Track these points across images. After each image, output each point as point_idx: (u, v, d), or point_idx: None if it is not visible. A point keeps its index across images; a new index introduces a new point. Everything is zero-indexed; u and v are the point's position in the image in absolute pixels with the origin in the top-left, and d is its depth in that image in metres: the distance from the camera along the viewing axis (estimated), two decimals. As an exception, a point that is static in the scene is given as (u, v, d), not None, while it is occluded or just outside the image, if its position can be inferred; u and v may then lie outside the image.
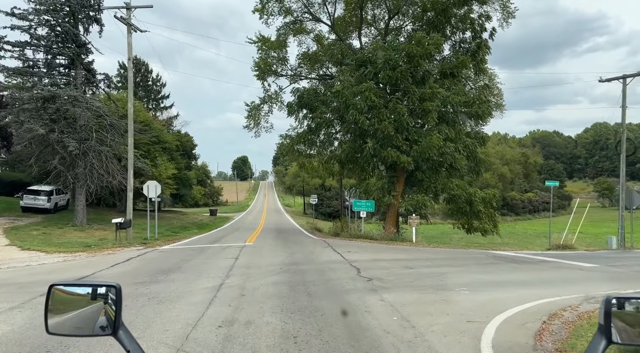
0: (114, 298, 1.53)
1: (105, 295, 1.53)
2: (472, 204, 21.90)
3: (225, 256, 13.59)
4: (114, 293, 1.53)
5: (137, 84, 57.44)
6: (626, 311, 1.45)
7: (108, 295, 1.53)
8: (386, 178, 22.00)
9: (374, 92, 20.59)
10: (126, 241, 18.31)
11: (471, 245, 32.40)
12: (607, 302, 1.44)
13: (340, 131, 25.14)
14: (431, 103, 20.42)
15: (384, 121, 20.28)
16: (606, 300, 1.45)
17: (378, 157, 21.27)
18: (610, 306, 1.43)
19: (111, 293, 1.53)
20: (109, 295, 1.53)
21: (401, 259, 13.70)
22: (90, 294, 1.55)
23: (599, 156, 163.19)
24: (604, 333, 1.42)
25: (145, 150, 28.76)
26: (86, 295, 1.55)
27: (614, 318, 1.42)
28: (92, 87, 25.55)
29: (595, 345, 1.42)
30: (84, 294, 1.56)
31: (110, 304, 1.52)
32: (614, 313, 1.43)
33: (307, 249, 16.44)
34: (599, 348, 1.41)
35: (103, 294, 1.54)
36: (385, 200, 21.38)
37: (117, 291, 1.54)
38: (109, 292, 1.54)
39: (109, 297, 1.53)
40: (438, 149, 20.14)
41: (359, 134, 22.52)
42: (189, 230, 29.27)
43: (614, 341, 1.42)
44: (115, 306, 1.52)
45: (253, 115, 26.59)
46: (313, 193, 67.46)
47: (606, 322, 1.43)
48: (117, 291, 1.54)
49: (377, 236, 21.52)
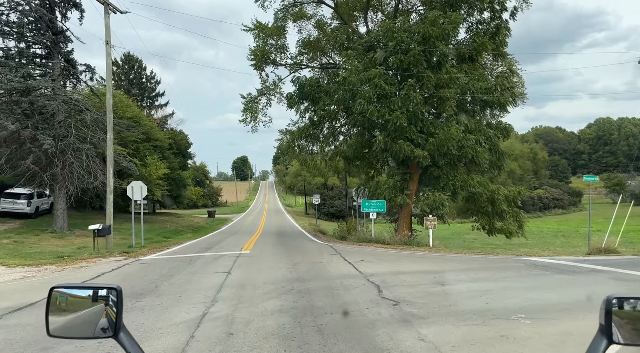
0: (115, 301, 1.53)
1: (107, 297, 1.54)
2: (495, 203, 19.69)
3: (216, 270, 11.34)
4: (115, 295, 1.54)
5: (130, 81, 55.31)
6: (627, 311, 1.43)
7: (109, 297, 1.54)
8: (398, 175, 19.76)
9: (384, 79, 18.34)
10: (105, 251, 16.09)
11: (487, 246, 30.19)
12: (607, 302, 1.43)
13: (346, 124, 22.90)
14: (449, 90, 18.18)
15: (396, 111, 18.03)
16: (607, 299, 1.43)
17: (389, 152, 19.05)
18: (611, 306, 1.42)
19: (112, 295, 1.54)
20: (110, 297, 1.54)
21: (427, 271, 11.45)
22: (91, 296, 1.56)
23: (602, 152, 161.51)
24: (605, 333, 1.42)
25: (133, 148, 26.56)
26: (87, 298, 1.56)
27: (615, 318, 1.41)
28: (72, 79, 23.30)
29: (596, 345, 1.41)
30: (85, 296, 1.57)
31: (111, 306, 1.53)
32: (615, 312, 1.42)
33: (312, 258, 14.20)
34: (599, 349, 1.40)
35: (104, 296, 1.54)
36: (398, 200, 19.14)
37: (118, 293, 1.54)
38: (110, 294, 1.54)
39: (110, 299, 1.54)
40: (457, 141, 17.91)
41: (367, 127, 20.29)
42: (182, 234, 27.06)
43: (615, 341, 1.40)
44: (116, 309, 1.53)
45: (250, 108, 24.34)
46: (315, 192, 65.22)
47: (607, 321, 1.41)
48: (118, 294, 1.54)
49: (389, 240, 19.28)
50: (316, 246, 18.79)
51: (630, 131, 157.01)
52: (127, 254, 15.94)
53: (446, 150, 18.12)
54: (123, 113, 26.79)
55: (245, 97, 24.33)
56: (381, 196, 19.76)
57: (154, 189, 26.45)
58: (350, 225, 25.92)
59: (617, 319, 1.41)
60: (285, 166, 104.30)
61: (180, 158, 37.11)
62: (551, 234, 39.90)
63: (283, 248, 17.49)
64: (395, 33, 18.44)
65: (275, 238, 23.42)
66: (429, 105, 18.74)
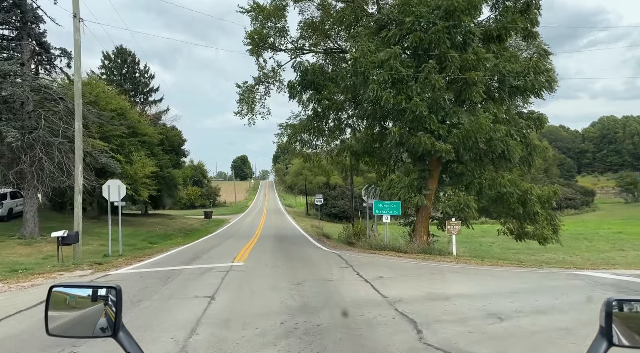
0: (114, 300, 1.53)
1: (106, 297, 1.53)
2: (526, 205, 17.13)
3: (197, 293, 8.77)
4: (114, 294, 1.53)
5: (123, 76, 52.82)
6: (627, 313, 1.43)
7: (108, 296, 1.53)
8: (415, 172, 17.18)
9: (400, 61, 15.78)
10: (72, 262, 13.52)
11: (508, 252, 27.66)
12: (608, 304, 1.43)
13: (354, 115, 20.34)
14: (476, 73, 15.61)
15: (414, 98, 15.47)
16: (607, 301, 1.44)
17: (405, 145, 16.51)
18: (611, 308, 1.42)
19: (112, 294, 1.53)
20: (110, 297, 1.53)
21: (468, 294, 8.88)
22: (91, 296, 1.55)
23: (607, 150, 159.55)
24: (605, 335, 1.41)
25: (117, 143, 24.02)
26: (87, 297, 1.55)
27: (615, 320, 1.41)
28: (46, 65, 20.74)
29: (596, 347, 1.41)
30: (84, 296, 1.55)
31: (111, 306, 1.52)
32: (615, 314, 1.41)
33: (319, 272, 11.62)
34: (599, 351, 1.40)
35: (103, 296, 1.54)
36: (415, 201, 16.57)
37: (117, 292, 1.53)
38: (110, 294, 1.53)
39: (109, 299, 1.53)
40: (486, 133, 15.36)
41: (380, 118, 17.76)
42: (171, 238, 24.52)
43: (615, 343, 1.40)
44: (116, 308, 1.52)
45: (246, 99, 21.77)
46: (316, 192, 62.66)
47: (607, 323, 1.41)
48: (118, 293, 1.54)
49: (405, 248, 16.72)
50: (322, 254, 16.23)
51: (635, 129, 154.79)
52: (99, 266, 13.40)
53: (472, 143, 15.56)
54: (106, 105, 24.25)
55: (241, 87, 21.77)
56: (395, 196, 17.19)
57: (139, 189, 23.91)
58: (358, 228, 23.37)
59: (617, 321, 1.41)
60: (285, 165, 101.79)
61: (172, 156, 34.60)
62: (571, 237, 37.28)
63: (283, 258, 14.93)
64: (413, 7, 15.86)
65: (274, 244, 20.87)
66: (451, 91, 16.15)
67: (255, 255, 15.69)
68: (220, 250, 18.10)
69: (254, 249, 18.09)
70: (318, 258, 15.03)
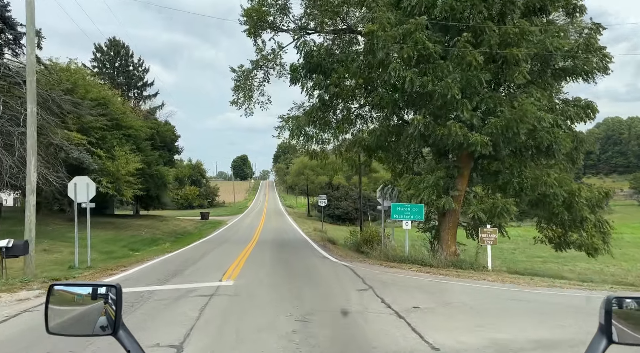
0: (114, 298, 1.51)
1: (106, 295, 1.51)
2: (572, 209, 14.41)
3: (159, 338, 6.03)
4: (114, 293, 1.51)
5: (116, 69, 50.18)
6: (627, 310, 1.44)
7: (108, 295, 1.51)
8: (442, 169, 14.45)
9: (427, 35, 13.07)
10: (21, 279, 10.78)
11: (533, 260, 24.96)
12: (607, 302, 1.43)
13: (366, 104, 17.60)
14: (518, 50, 12.88)
15: (444, 79, 12.76)
16: (606, 299, 1.44)
17: (430, 138, 13.78)
18: (610, 306, 1.42)
19: (111, 293, 1.51)
20: (109, 295, 1.51)
21: (553, 343, 6.15)
22: (91, 294, 1.53)
23: (612, 152, 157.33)
24: (605, 332, 1.42)
25: (98, 137, 21.31)
26: (87, 295, 1.54)
27: (614, 317, 1.41)
28: (12, 46, 18.05)
29: (596, 344, 1.42)
30: (84, 294, 1.54)
31: (111, 304, 1.50)
32: (615, 312, 1.42)
33: (332, 299, 8.86)
34: (599, 348, 1.40)
35: (103, 294, 1.52)
36: (442, 203, 13.84)
37: (117, 291, 1.52)
38: (109, 292, 1.51)
39: (109, 297, 1.51)
40: (532, 122, 12.65)
41: (401, 104, 15.05)
42: (158, 243, 21.81)
43: (615, 341, 1.41)
44: (116, 306, 1.50)
45: (242, 85, 19.04)
46: (318, 192, 59.94)
47: (606, 321, 1.42)
48: (118, 291, 1.52)
49: (429, 260, 13.98)
50: (331, 268, 13.48)
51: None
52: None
53: (513, 135, 12.83)
54: (85, 93, 21.56)
55: (236, 71, 19.02)
56: (417, 198, 14.46)
57: (122, 188, 21.20)
58: (368, 233, 20.65)
59: (616, 319, 1.42)
60: (286, 165, 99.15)
61: (164, 152, 31.92)
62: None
63: (284, 273, 12.19)
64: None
65: (274, 253, 18.15)
66: (488, 72, 13.39)
67: (250, 269, 12.96)
68: (209, 260, 15.38)
69: (250, 259, 15.37)
70: (327, 274, 12.30)
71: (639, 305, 1.44)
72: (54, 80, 19.73)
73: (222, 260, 15.24)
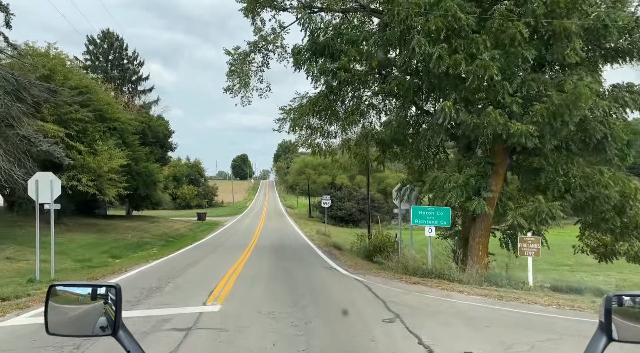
0: (114, 299, 1.51)
1: (105, 295, 1.51)
2: (624, 213, 12.21)
3: None
4: (114, 293, 1.51)
5: (110, 62, 47.95)
6: (627, 308, 1.44)
7: (108, 295, 1.51)
8: (472, 167, 12.21)
9: (457, 3, 10.85)
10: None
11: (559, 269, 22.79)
12: (607, 300, 1.45)
13: (381, 92, 15.37)
14: (570, 21, 10.65)
15: (479, 57, 10.55)
16: (607, 297, 1.45)
17: (461, 128, 11.57)
18: (610, 304, 1.43)
19: (111, 293, 1.51)
20: (109, 295, 1.51)
21: None
22: (91, 294, 1.53)
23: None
24: (605, 330, 1.43)
25: (78, 129, 19.10)
26: (86, 295, 1.53)
27: (614, 315, 1.42)
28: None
29: (596, 342, 1.43)
30: (84, 294, 1.54)
31: (111, 304, 1.50)
32: (615, 310, 1.43)
33: (352, 338, 6.61)
34: (599, 346, 1.41)
35: (103, 294, 1.52)
36: (473, 206, 11.63)
37: (117, 291, 1.52)
38: (109, 292, 1.51)
39: (109, 297, 1.50)
40: (585, 109, 10.43)
41: (428, 90, 12.87)
42: (145, 248, 19.60)
43: (615, 338, 1.42)
44: (116, 307, 1.50)
45: (238, 70, 16.81)
46: (320, 192, 57.71)
47: (607, 319, 1.43)
48: (117, 292, 1.52)
49: (458, 275, 11.74)
50: (343, 286, 11.23)
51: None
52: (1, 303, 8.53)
53: (561, 124, 10.63)
54: (64, 80, 19.33)
55: (231, 53, 16.74)
56: (443, 200, 12.24)
57: (105, 186, 18.97)
58: (379, 239, 18.44)
59: (616, 317, 1.42)
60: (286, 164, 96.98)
61: (156, 149, 29.70)
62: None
63: (286, 295, 9.95)
64: None
65: (273, 261, 15.95)
66: (532, 48, 11.14)
67: (243, 285, 10.74)
68: (198, 271, 13.15)
69: (245, 270, 13.15)
70: (338, 294, 10.06)
71: (639, 303, 1.44)
72: (28, 64, 17.56)
73: (212, 271, 13.02)
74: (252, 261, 15.40)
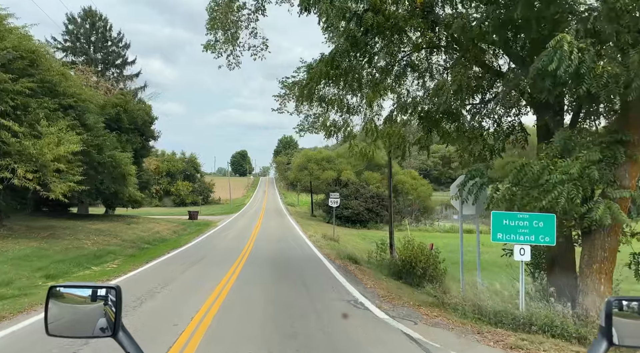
0: (114, 300, 1.49)
1: (105, 297, 1.49)
2: None
3: None
4: (114, 294, 1.50)
5: (92, 44, 43.24)
6: (627, 313, 1.41)
7: (108, 296, 1.49)
8: (594, 150, 7.57)
9: None
10: None
11: None
12: (608, 304, 1.42)
13: (429, 46, 10.69)
14: None
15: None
16: (607, 302, 1.43)
17: (588, 82, 6.90)
18: (611, 308, 1.40)
19: (111, 294, 1.49)
20: (109, 297, 1.49)
21: None
22: (90, 296, 1.51)
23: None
24: (605, 335, 1.39)
25: (15, 104, 14.45)
26: (86, 297, 1.51)
27: (615, 320, 1.39)
28: None
29: (597, 347, 1.39)
30: (84, 296, 1.51)
31: (110, 306, 1.48)
32: (615, 314, 1.40)
33: None
34: (599, 350, 1.38)
35: (103, 296, 1.50)
36: (599, 213, 7.01)
37: (117, 292, 1.50)
38: (109, 294, 1.49)
39: (109, 299, 1.49)
40: None
41: (514, 33, 8.26)
42: (104, 260, 14.99)
43: (615, 343, 1.39)
44: (115, 308, 1.49)
45: (221, 21, 12.05)
46: (324, 189, 53.15)
47: (607, 323, 1.40)
48: (117, 293, 1.50)
49: (572, 326, 7.14)
50: (389, 351, 6.58)
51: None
52: None
53: None
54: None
55: None
56: (538, 203, 7.61)
57: (48, 178, 14.35)
58: (410, 251, 13.82)
59: (617, 321, 1.40)
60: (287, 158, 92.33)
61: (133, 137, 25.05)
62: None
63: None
64: None
65: (269, 287, 11.35)
66: None
67: (221, 338, 6.11)
68: (158, 305, 8.51)
69: (227, 304, 8.52)
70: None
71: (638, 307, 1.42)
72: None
73: (180, 305, 8.39)
74: (240, 286, 10.80)
